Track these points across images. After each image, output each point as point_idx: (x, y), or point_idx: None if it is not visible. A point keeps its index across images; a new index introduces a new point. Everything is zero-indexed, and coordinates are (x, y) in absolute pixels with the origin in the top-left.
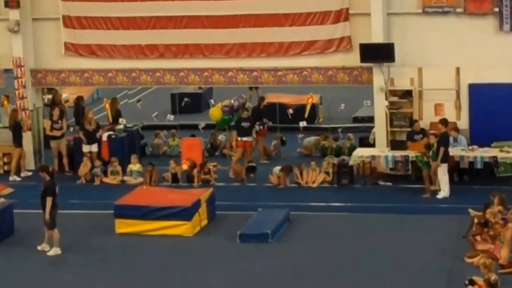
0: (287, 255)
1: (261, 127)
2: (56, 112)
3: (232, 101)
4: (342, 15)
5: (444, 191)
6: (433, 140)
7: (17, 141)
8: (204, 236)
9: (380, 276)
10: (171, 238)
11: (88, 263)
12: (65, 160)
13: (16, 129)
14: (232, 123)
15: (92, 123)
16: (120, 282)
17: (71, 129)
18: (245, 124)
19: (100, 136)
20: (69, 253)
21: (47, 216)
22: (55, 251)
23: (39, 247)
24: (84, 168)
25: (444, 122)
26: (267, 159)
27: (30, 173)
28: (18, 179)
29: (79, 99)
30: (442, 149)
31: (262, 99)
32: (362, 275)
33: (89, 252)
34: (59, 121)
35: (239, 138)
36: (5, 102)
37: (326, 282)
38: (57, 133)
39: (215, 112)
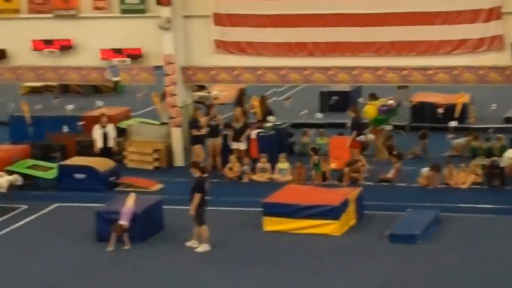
0: (436, 256)
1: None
2: (213, 110)
3: (391, 100)
4: (494, 14)
5: None
6: None
7: (194, 139)
8: (352, 236)
9: None
10: (318, 237)
11: (236, 260)
12: (218, 159)
13: (192, 127)
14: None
15: (240, 121)
16: (267, 280)
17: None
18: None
19: (249, 134)
20: (217, 250)
21: (192, 212)
22: (203, 247)
23: (187, 244)
24: (232, 166)
25: None
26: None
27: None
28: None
29: (241, 91)
30: None
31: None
32: None
33: (237, 249)
34: (214, 119)
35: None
36: (156, 99)
37: (474, 285)
38: (203, 132)
39: (370, 111)
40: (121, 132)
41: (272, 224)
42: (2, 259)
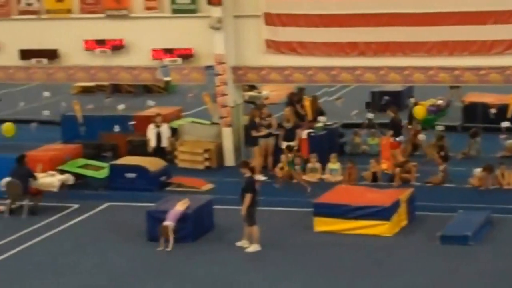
0: (489, 258)
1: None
2: (265, 111)
3: (440, 101)
4: None
5: None
6: None
7: (251, 140)
8: (404, 237)
9: None
10: (369, 237)
11: (286, 261)
12: (269, 159)
13: (251, 128)
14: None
15: (291, 121)
16: (316, 280)
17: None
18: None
19: (300, 134)
20: (267, 250)
21: (244, 212)
22: (254, 247)
23: (238, 244)
24: (283, 166)
25: None
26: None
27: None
28: (262, 178)
29: (301, 91)
30: None
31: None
32: None
33: (287, 249)
34: (267, 119)
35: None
36: (207, 99)
37: None
38: (263, 132)
39: (419, 111)
40: (172, 132)
41: (323, 225)
42: (53, 258)
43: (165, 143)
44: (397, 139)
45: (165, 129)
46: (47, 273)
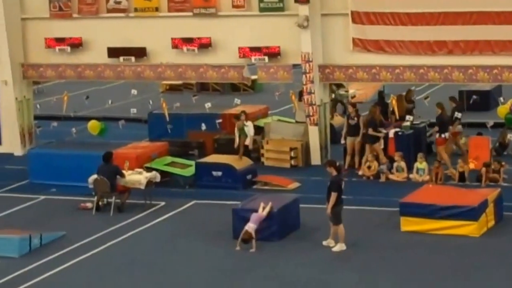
0: None
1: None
2: (351, 109)
3: None
4: None
5: None
6: None
7: (370, 137)
8: (491, 237)
9: None
10: (456, 238)
11: (373, 260)
12: (356, 158)
13: (371, 126)
14: None
15: (377, 120)
16: (402, 281)
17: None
18: None
19: (387, 133)
20: (354, 249)
21: (329, 210)
22: (340, 247)
23: (324, 242)
24: (370, 164)
25: None
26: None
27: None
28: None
29: (380, 93)
30: None
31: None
32: None
33: (374, 249)
34: (355, 118)
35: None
36: (293, 97)
37: None
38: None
39: (503, 110)
40: (259, 130)
41: (409, 224)
42: (139, 255)
43: (247, 141)
44: (443, 135)
45: (249, 128)
46: (134, 270)
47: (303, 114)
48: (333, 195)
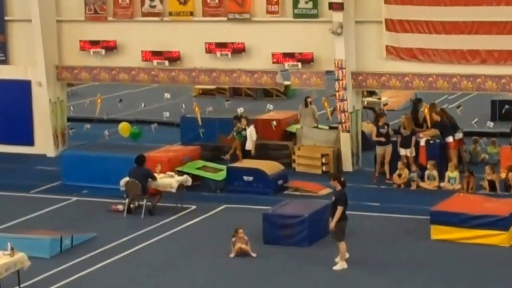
0: None
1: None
2: (382, 118)
3: None
4: None
5: None
6: None
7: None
8: None
9: None
10: (486, 247)
11: (403, 268)
12: (386, 167)
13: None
14: None
15: (407, 128)
16: None
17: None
18: None
19: (418, 141)
20: (384, 256)
21: (333, 225)
22: (341, 265)
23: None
24: (401, 172)
25: None
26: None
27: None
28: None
29: (416, 101)
30: None
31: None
32: None
33: (404, 256)
34: (385, 127)
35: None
36: (325, 104)
37: None
38: (381, 139)
39: None
40: (290, 136)
41: (440, 233)
42: (170, 258)
43: (249, 145)
44: (451, 138)
45: (251, 132)
46: (164, 273)
47: (310, 120)
48: (339, 209)
